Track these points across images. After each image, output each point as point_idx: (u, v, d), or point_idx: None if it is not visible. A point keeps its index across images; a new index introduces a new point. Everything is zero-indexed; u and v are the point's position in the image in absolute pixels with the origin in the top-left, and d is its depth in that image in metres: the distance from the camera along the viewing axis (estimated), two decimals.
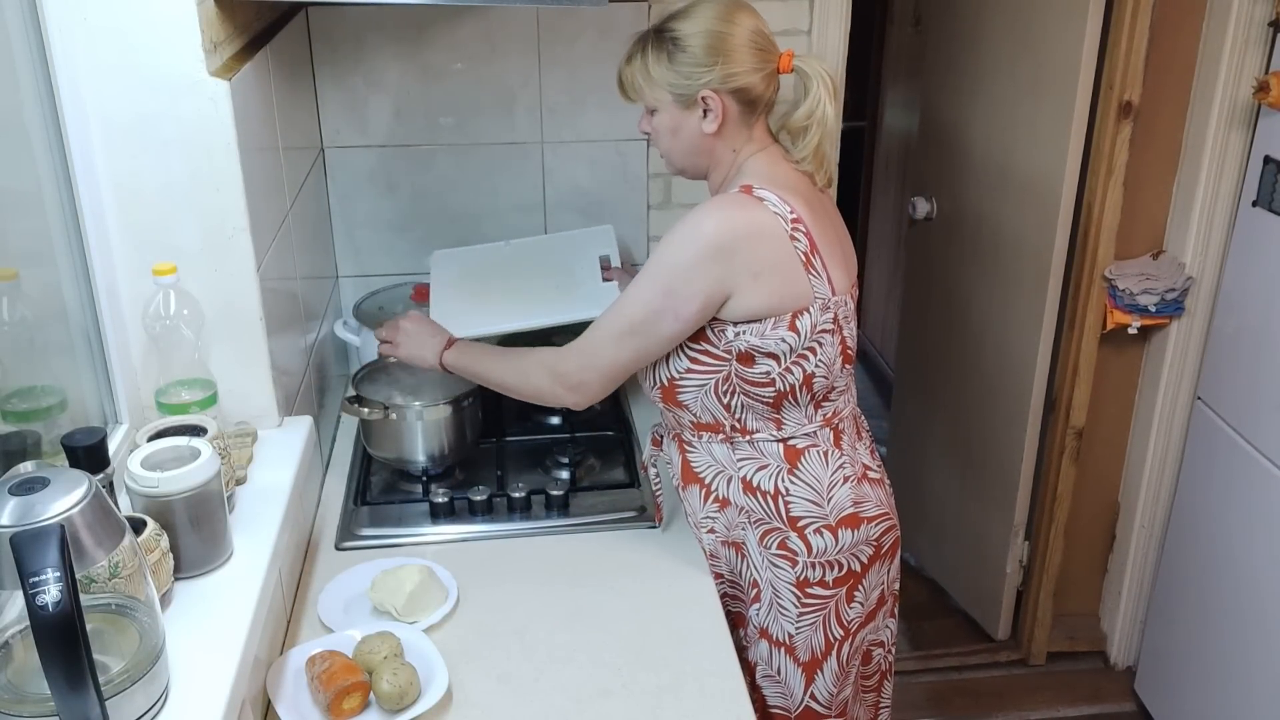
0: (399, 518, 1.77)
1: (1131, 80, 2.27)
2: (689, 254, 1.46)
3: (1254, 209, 2.19)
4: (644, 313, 1.50)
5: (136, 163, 1.35)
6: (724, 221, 1.46)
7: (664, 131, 1.56)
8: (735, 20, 1.49)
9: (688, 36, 1.48)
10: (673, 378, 1.57)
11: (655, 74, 1.50)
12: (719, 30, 1.48)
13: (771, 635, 1.64)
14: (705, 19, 1.49)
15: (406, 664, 1.36)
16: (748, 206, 1.47)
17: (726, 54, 1.48)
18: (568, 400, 1.59)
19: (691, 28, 1.48)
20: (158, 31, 1.30)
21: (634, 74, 1.53)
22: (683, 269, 1.46)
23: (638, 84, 1.53)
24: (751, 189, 1.48)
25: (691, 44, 1.48)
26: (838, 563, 1.60)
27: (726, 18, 1.49)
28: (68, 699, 0.89)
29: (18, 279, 1.23)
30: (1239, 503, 2.27)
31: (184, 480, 1.19)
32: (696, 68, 1.48)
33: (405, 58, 2.05)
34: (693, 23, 1.48)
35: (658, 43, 1.50)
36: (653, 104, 1.54)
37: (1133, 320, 2.42)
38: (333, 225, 2.15)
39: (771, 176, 1.52)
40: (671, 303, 1.47)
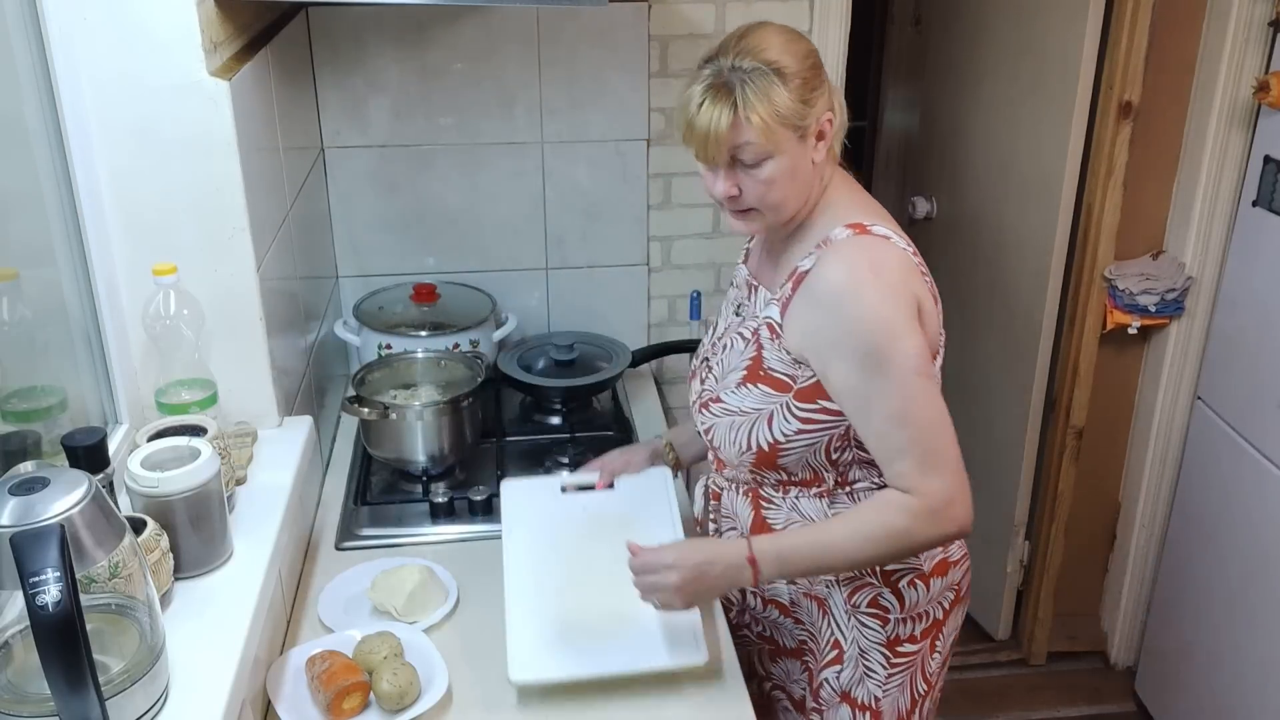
0: (399, 518, 1.77)
1: (1131, 80, 2.27)
2: (886, 314, 1.29)
3: (1254, 209, 2.19)
4: (913, 397, 1.29)
5: (136, 163, 1.35)
6: (877, 268, 1.31)
7: (783, 178, 1.32)
8: (800, 35, 1.35)
9: (788, 62, 1.28)
10: (777, 442, 1.40)
11: (785, 110, 1.27)
12: (807, 48, 1.32)
13: (856, 700, 1.50)
14: (786, 39, 1.31)
15: (406, 664, 1.36)
16: (883, 248, 1.33)
17: (821, 70, 1.33)
18: (953, 529, 1.33)
19: (783, 52, 1.29)
20: (158, 31, 1.30)
21: (758, 119, 1.26)
22: (899, 326, 1.29)
23: (764, 129, 1.27)
24: (867, 228, 1.34)
25: (795, 68, 1.29)
26: (925, 613, 1.48)
27: (795, 34, 1.33)
28: (68, 699, 0.89)
29: (18, 279, 1.23)
30: (1239, 503, 2.26)
31: (184, 480, 1.20)
32: (813, 92, 1.30)
33: (405, 58, 2.05)
34: (778, 48, 1.29)
35: (761, 77, 1.27)
36: (772, 149, 1.29)
37: (1133, 320, 2.42)
38: (333, 225, 2.15)
39: (865, 205, 1.40)
40: (924, 360, 1.30)
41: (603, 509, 1.63)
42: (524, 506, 1.62)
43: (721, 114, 1.27)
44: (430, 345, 1.99)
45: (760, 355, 1.40)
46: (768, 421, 1.40)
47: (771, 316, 1.39)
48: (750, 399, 1.41)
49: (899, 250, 1.34)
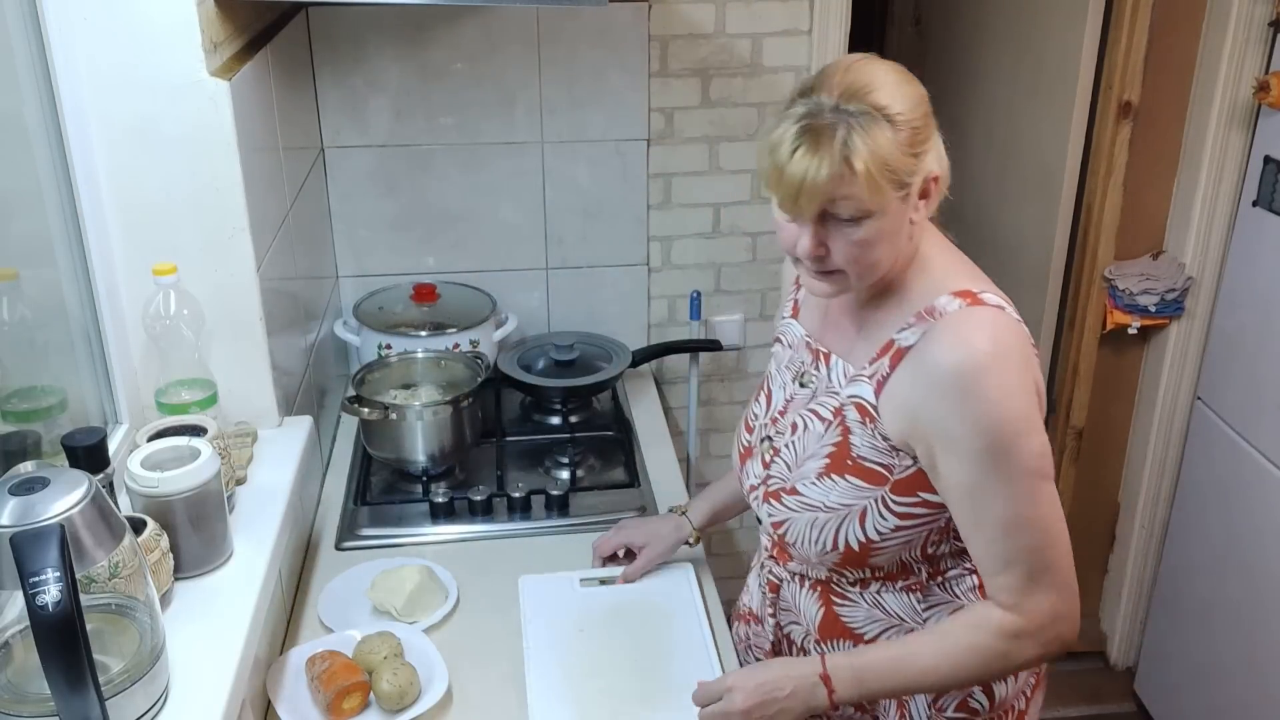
0: (399, 518, 1.77)
1: (1131, 80, 2.27)
2: (1011, 407, 1.13)
3: (1254, 209, 2.19)
4: (1033, 503, 1.15)
5: (137, 163, 1.35)
6: (1000, 351, 1.14)
7: (880, 239, 1.14)
8: (912, 77, 1.16)
9: (900, 109, 1.10)
10: (870, 541, 1.22)
11: (894, 164, 1.10)
12: (920, 92, 1.15)
13: None
14: (898, 79, 1.13)
15: (406, 664, 1.36)
16: (1003, 325, 1.16)
17: (932, 119, 1.16)
18: (1055, 649, 1.20)
19: (895, 96, 1.11)
20: (158, 31, 1.30)
21: (864, 171, 1.08)
22: (1024, 421, 1.13)
23: (869, 184, 1.08)
24: (978, 297, 1.17)
25: (908, 116, 1.11)
26: (1012, 706, 1.34)
27: (907, 74, 1.16)
28: (68, 699, 0.89)
29: (18, 279, 1.23)
30: (1239, 503, 2.26)
31: (184, 480, 1.19)
32: (923, 145, 1.13)
33: (405, 58, 2.05)
34: (889, 89, 1.11)
35: (870, 123, 1.08)
36: (873, 206, 1.11)
37: (1133, 320, 2.42)
38: (333, 225, 2.15)
39: (964, 266, 1.24)
40: (1046, 460, 1.16)
41: (624, 600, 1.56)
42: (542, 600, 1.55)
43: (821, 162, 1.08)
44: (430, 345, 1.99)
45: (847, 441, 1.22)
46: (859, 519, 1.22)
47: (862, 397, 1.21)
48: (837, 493, 1.22)
49: (1016, 325, 1.17)
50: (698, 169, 2.21)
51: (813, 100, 1.11)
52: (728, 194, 2.24)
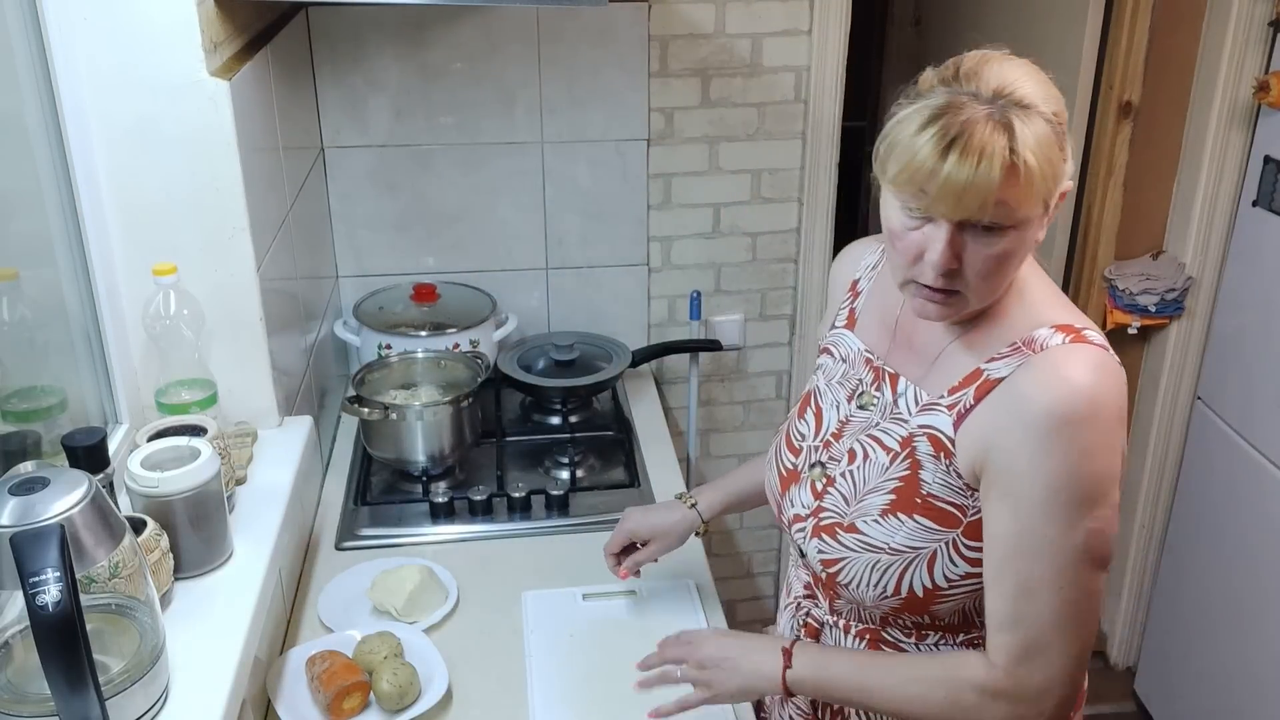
0: (399, 518, 1.77)
1: (1131, 80, 2.27)
2: (1099, 468, 1.03)
3: (1254, 209, 2.19)
4: (1074, 583, 1.04)
5: (137, 163, 1.35)
6: (1103, 400, 1.03)
7: (1017, 255, 1.04)
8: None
9: (1048, 109, 1.01)
10: (937, 588, 1.11)
11: (1059, 168, 1.01)
12: (1058, 93, 1.05)
13: None
14: (1039, 78, 1.03)
15: (406, 664, 1.36)
16: (1107, 368, 1.05)
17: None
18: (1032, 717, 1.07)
19: (1042, 95, 1.01)
20: (158, 31, 1.30)
21: (1039, 173, 0.97)
22: (1104, 486, 1.03)
23: (1038, 187, 0.98)
24: (1081, 334, 1.06)
25: (1060, 117, 1.02)
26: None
27: (1041, 72, 1.05)
28: (68, 699, 0.89)
29: (18, 279, 1.23)
30: (1239, 503, 2.26)
31: (184, 480, 1.19)
32: (1067, 150, 1.03)
33: (405, 58, 2.05)
34: (1031, 86, 1.01)
35: (1037, 119, 0.99)
36: (1024, 215, 1.00)
37: (1133, 320, 2.42)
38: (333, 225, 2.15)
39: (1058, 295, 1.13)
40: (1105, 538, 1.05)
41: (626, 613, 1.55)
42: (546, 614, 1.54)
43: (992, 160, 0.95)
44: (430, 345, 1.99)
45: (917, 476, 1.11)
46: (927, 563, 1.10)
47: (937, 429, 1.09)
48: (904, 534, 1.11)
49: (1119, 372, 1.06)
50: (698, 169, 2.21)
51: (958, 90, 0.99)
52: (728, 194, 2.24)
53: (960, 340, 1.11)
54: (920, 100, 1.00)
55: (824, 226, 2.29)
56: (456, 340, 2.01)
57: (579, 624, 1.52)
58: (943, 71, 1.03)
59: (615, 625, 1.52)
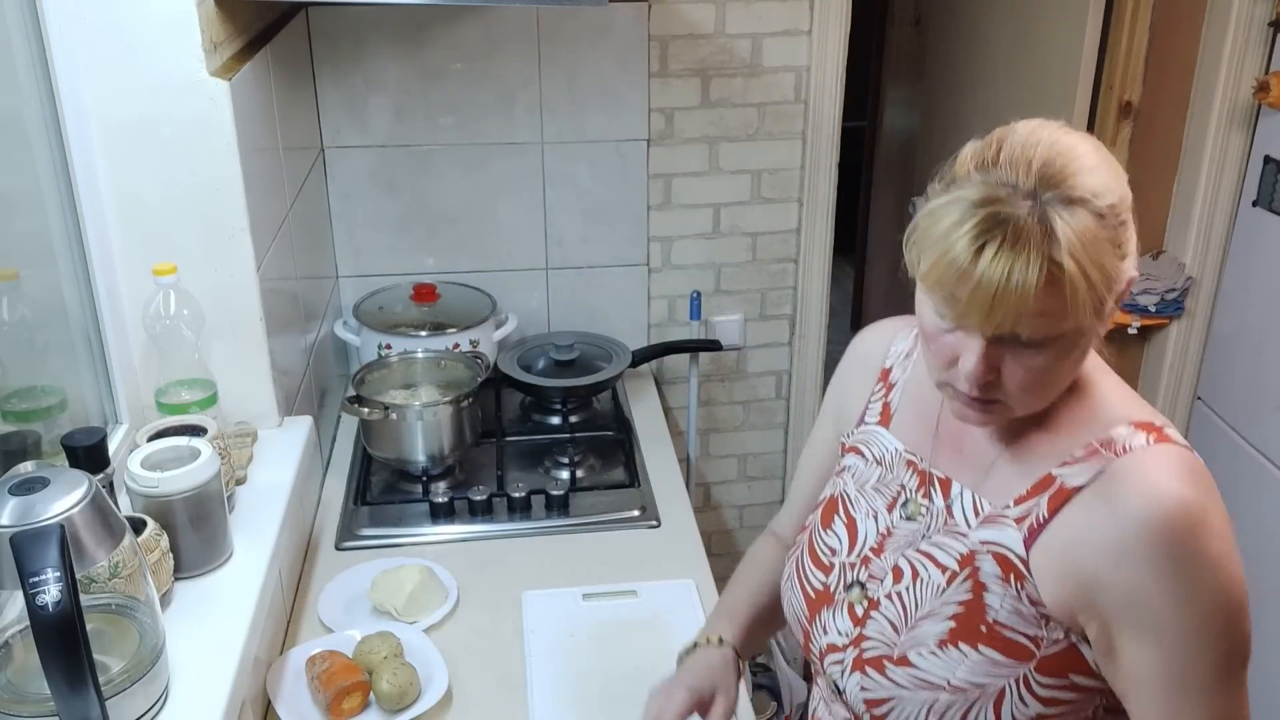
0: (399, 518, 1.77)
1: (1131, 80, 2.27)
2: (1233, 587, 0.92)
3: (1254, 209, 2.19)
4: (1237, 703, 0.97)
5: (137, 163, 1.35)
6: (1209, 507, 0.90)
7: (1066, 365, 0.92)
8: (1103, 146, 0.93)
9: (1109, 199, 0.87)
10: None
11: (1111, 272, 0.86)
12: (1120, 170, 0.92)
13: None
14: (1101, 155, 0.90)
15: (406, 664, 1.36)
16: (1198, 469, 0.92)
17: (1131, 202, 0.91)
18: None
19: (1100, 180, 0.87)
20: (158, 31, 1.30)
21: (1083, 283, 0.84)
22: (1240, 604, 0.94)
23: (1084, 298, 0.84)
24: (1163, 432, 0.93)
25: (1118, 208, 0.88)
26: None
27: (1101, 145, 0.92)
28: (68, 699, 0.89)
29: (18, 279, 1.23)
30: (1239, 503, 2.26)
31: (184, 480, 1.19)
32: (1126, 244, 0.89)
33: (405, 58, 2.05)
34: (1092, 170, 0.87)
35: (1080, 217, 0.84)
36: (1071, 324, 0.86)
37: (1132, 320, 2.42)
38: (333, 225, 2.15)
39: (1126, 388, 1.00)
40: (1245, 654, 0.96)
41: (627, 616, 1.54)
42: (546, 614, 1.54)
43: (1029, 267, 0.82)
44: (430, 345, 1.99)
45: (981, 601, 0.96)
46: (994, 704, 0.95)
47: (1005, 546, 0.95)
48: (966, 668, 0.95)
49: (1205, 468, 0.93)
50: (698, 169, 2.21)
51: (997, 178, 0.87)
52: (728, 194, 2.24)
53: (1021, 442, 0.97)
54: (954, 189, 0.88)
55: (824, 226, 2.29)
56: (456, 340, 2.01)
57: (579, 624, 1.52)
58: (983, 151, 0.91)
59: (615, 625, 1.52)
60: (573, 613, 1.55)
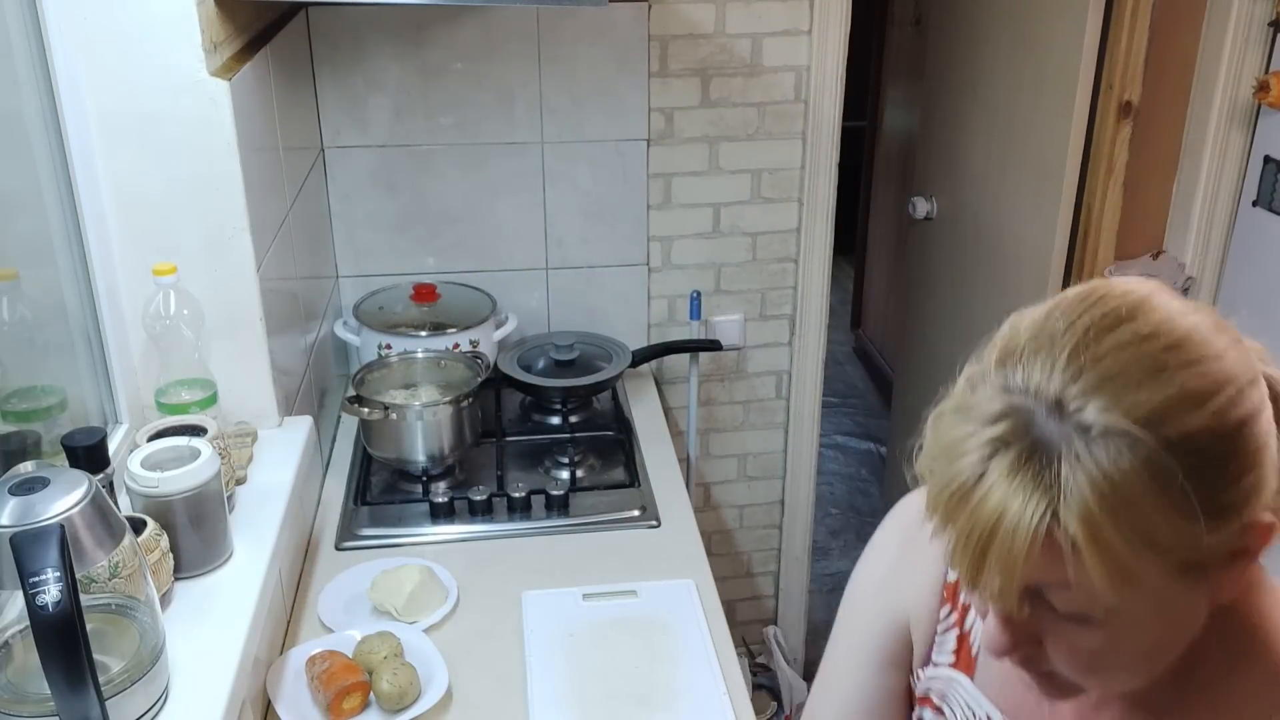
0: (399, 518, 1.77)
1: (1131, 80, 2.27)
2: None
3: (1254, 209, 2.19)
4: None
5: (136, 163, 1.35)
6: None
7: (1129, 644, 0.66)
8: (1224, 330, 0.65)
9: (1193, 421, 0.60)
10: None
11: (1163, 535, 0.60)
12: (1230, 367, 0.63)
13: None
14: (1185, 349, 0.62)
15: (406, 664, 1.36)
16: None
17: (1257, 407, 0.64)
18: None
19: (1176, 392, 0.61)
20: (158, 31, 1.30)
21: (1095, 560, 0.60)
22: None
23: (1106, 578, 0.60)
24: None
25: (1203, 436, 0.61)
26: None
27: (1205, 322, 0.65)
28: (68, 699, 0.89)
29: (18, 279, 1.23)
30: None
31: (184, 480, 1.19)
32: (1243, 476, 0.62)
33: (405, 58, 2.05)
34: (1168, 375, 0.61)
35: (1121, 456, 0.59)
36: (1117, 602, 0.62)
37: None
38: (333, 225, 2.15)
39: None
40: None
41: (626, 614, 1.54)
42: (546, 614, 1.54)
43: (1026, 517, 0.60)
44: (430, 345, 1.99)
45: None
46: None
47: None
48: None
49: None
50: (698, 169, 2.21)
51: (1018, 381, 0.63)
52: (728, 194, 2.24)
53: (1157, 701, 0.71)
54: (966, 393, 0.66)
55: (824, 227, 2.29)
56: (456, 340, 2.01)
57: (579, 624, 1.52)
58: (1014, 334, 0.67)
59: (615, 625, 1.52)
60: (573, 613, 1.55)
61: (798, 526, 2.58)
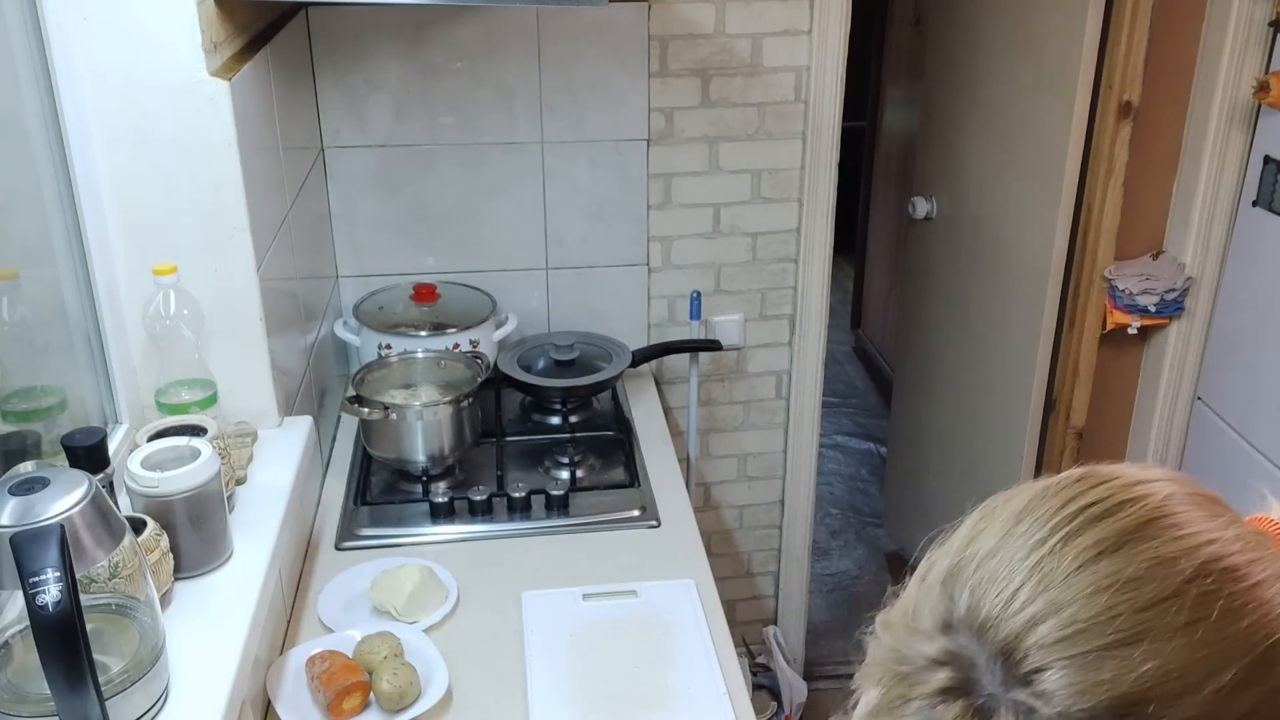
0: (399, 518, 1.77)
1: (1131, 80, 2.27)
2: None
3: (1254, 209, 2.19)
4: None
5: (136, 163, 1.35)
6: None
7: None
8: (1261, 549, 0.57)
9: (1146, 682, 0.47)
10: None
11: None
12: None
13: None
14: (1145, 588, 0.50)
15: (406, 664, 1.36)
16: None
17: None
18: None
19: (1195, 706, 0.47)
20: (158, 31, 1.30)
21: None
22: None
23: None
24: None
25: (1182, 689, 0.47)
26: None
27: (1256, 548, 0.58)
28: (68, 699, 0.89)
29: (18, 279, 1.23)
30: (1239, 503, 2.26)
31: (184, 480, 1.19)
32: None
33: (405, 57, 2.05)
34: (1116, 625, 0.48)
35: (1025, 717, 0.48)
36: None
37: (1132, 320, 2.42)
38: (333, 225, 2.15)
39: None
40: None
41: (627, 616, 1.54)
42: (545, 614, 1.54)
43: None
44: (430, 345, 1.99)
45: None
46: None
47: None
48: None
49: None
50: (698, 169, 2.21)
51: (964, 613, 0.52)
52: (728, 194, 2.24)
53: None
54: (909, 613, 0.56)
55: (824, 226, 2.29)
56: (456, 340, 2.01)
57: (579, 624, 1.52)
58: (973, 539, 0.57)
59: (615, 625, 1.52)
60: (573, 613, 1.55)
61: (798, 526, 2.58)
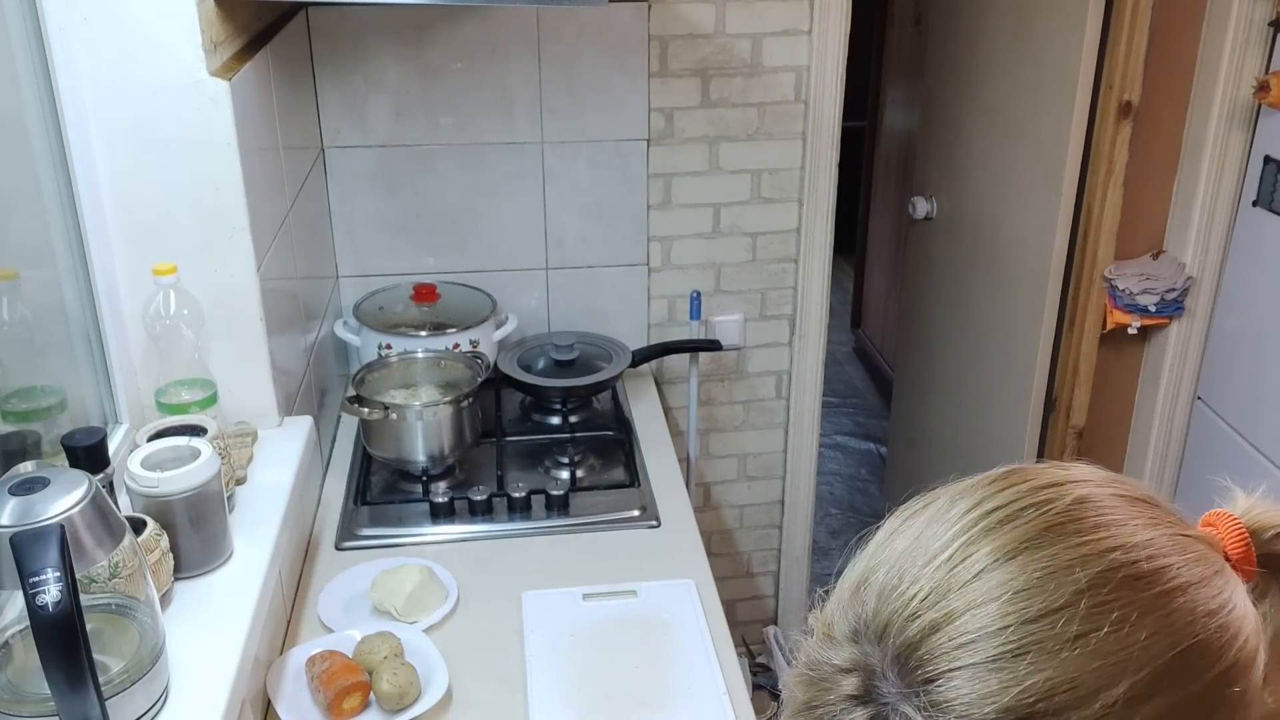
0: (399, 518, 1.77)
1: (1131, 80, 2.27)
2: None
3: (1254, 209, 2.19)
4: None
5: (136, 163, 1.35)
6: None
7: None
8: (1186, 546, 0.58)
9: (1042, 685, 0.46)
10: None
11: None
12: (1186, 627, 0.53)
13: None
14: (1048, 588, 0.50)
15: (406, 664, 1.36)
16: None
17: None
18: None
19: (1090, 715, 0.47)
20: (157, 31, 1.30)
21: None
22: None
23: None
24: None
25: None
26: None
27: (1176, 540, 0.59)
28: (68, 699, 0.89)
29: (18, 279, 1.23)
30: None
31: (184, 480, 1.19)
32: None
33: (405, 58, 2.05)
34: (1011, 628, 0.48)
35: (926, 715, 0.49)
36: None
37: (1132, 320, 2.42)
38: (333, 225, 2.15)
39: None
40: None
41: (627, 616, 1.54)
42: (545, 614, 1.54)
43: None
44: (430, 345, 1.99)
45: None
46: None
47: None
48: None
49: None
50: (698, 169, 2.21)
51: (869, 618, 0.53)
52: (728, 194, 2.24)
53: None
54: (829, 617, 0.56)
55: (824, 226, 2.29)
56: (456, 340, 2.01)
57: (579, 624, 1.52)
58: (886, 544, 0.56)
59: (615, 625, 1.52)
60: (573, 613, 1.55)
61: (798, 526, 2.58)
